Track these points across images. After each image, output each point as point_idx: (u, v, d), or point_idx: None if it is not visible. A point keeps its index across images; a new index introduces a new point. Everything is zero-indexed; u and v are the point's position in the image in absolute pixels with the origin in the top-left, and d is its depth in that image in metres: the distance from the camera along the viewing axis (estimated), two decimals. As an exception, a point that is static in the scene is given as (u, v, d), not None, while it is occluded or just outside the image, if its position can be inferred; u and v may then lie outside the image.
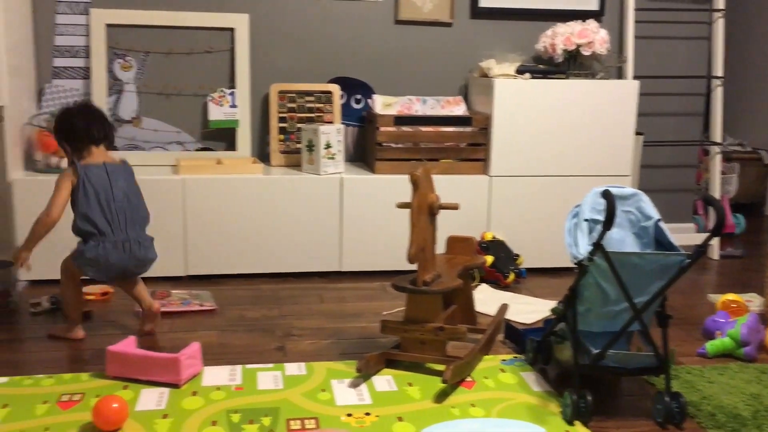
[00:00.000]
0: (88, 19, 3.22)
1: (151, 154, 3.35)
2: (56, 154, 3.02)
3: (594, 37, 3.32)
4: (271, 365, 2.25)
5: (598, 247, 1.89)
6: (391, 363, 2.26)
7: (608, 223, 1.87)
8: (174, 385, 2.07)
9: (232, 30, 3.34)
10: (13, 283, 2.69)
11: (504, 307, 2.62)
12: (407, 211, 2.18)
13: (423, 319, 2.20)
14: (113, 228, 2.33)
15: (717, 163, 3.79)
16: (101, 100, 3.24)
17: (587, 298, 1.99)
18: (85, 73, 3.27)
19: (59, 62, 3.25)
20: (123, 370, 2.11)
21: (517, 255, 3.19)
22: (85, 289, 2.66)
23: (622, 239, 2.07)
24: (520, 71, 3.28)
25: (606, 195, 1.90)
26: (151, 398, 2.00)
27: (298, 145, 3.38)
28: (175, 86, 3.37)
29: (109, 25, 3.24)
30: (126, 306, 2.72)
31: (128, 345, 2.16)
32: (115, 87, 3.31)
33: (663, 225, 2.05)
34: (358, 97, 3.53)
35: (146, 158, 3.32)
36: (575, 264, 1.99)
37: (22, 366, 2.23)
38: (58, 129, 2.42)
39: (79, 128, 2.38)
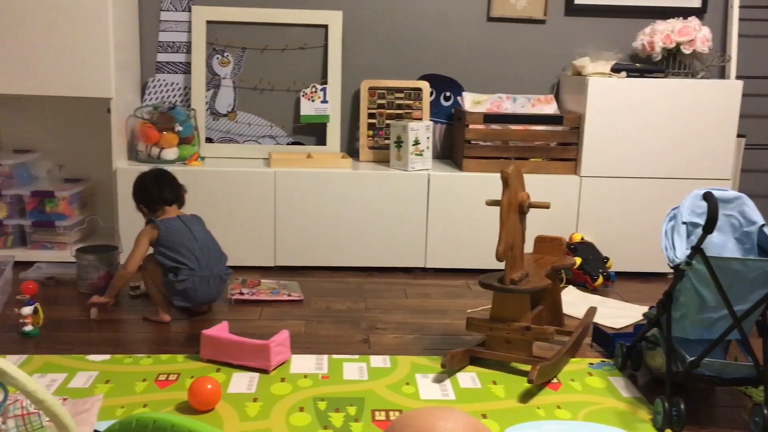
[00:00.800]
0: (190, 16, 3.35)
1: (245, 146, 3.46)
2: (157, 145, 3.16)
3: (695, 35, 3.20)
4: (356, 356, 2.28)
5: (697, 251, 1.83)
6: (476, 360, 2.25)
7: (709, 226, 1.80)
8: (263, 371, 2.13)
9: (325, 27, 3.41)
10: (116, 266, 2.83)
11: (592, 310, 2.57)
12: (494, 209, 2.17)
13: (509, 317, 2.19)
14: (201, 264, 2.53)
15: (826, 169, 3.59)
16: (200, 94, 3.36)
17: (683, 304, 1.93)
18: (186, 68, 3.40)
19: (162, 57, 3.40)
20: (216, 354, 2.19)
21: (607, 258, 3.11)
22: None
23: (722, 244, 1.99)
24: (616, 69, 3.19)
25: (708, 197, 1.83)
26: (242, 382, 2.07)
27: (387, 141, 3.42)
28: (269, 81, 3.47)
29: (209, 22, 3.37)
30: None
31: (221, 330, 2.24)
32: (213, 82, 3.43)
33: (768, 231, 1.97)
34: (448, 94, 3.53)
35: (240, 151, 3.43)
36: (671, 267, 1.93)
37: (122, 345, 2.35)
38: (135, 194, 2.66)
39: (154, 193, 2.61)
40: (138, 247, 2.54)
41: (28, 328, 2.38)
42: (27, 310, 2.38)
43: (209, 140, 3.45)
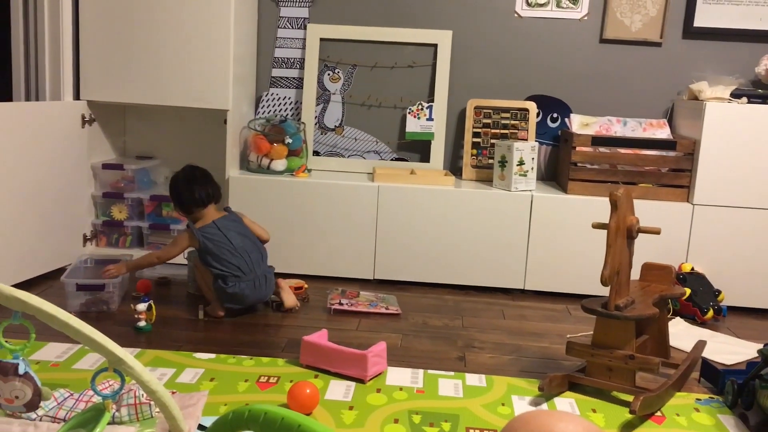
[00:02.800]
0: (305, 34, 3.48)
1: (350, 161, 3.54)
2: (267, 156, 3.28)
3: (825, 60, 3.02)
4: (452, 373, 2.28)
5: (821, 286, 1.72)
6: (575, 386, 2.20)
7: (837, 261, 1.69)
8: (360, 380, 2.16)
9: (435, 46, 3.45)
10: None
11: (701, 344, 2.45)
12: (599, 234, 2.13)
13: (612, 344, 2.12)
14: (243, 270, 2.65)
15: None
16: (310, 108, 3.47)
17: (804, 342, 1.81)
18: (298, 84, 3.53)
19: (276, 72, 3.54)
20: (315, 360, 2.24)
21: (718, 291, 2.97)
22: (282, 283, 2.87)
23: None
24: (736, 95, 3.06)
25: (836, 230, 1.72)
26: (339, 389, 2.11)
27: (490, 161, 3.41)
28: (377, 98, 3.54)
29: (322, 39, 3.48)
30: (319, 302, 2.89)
31: (321, 337, 2.29)
32: (323, 97, 3.54)
33: None
34: (555, 115, 3.48)
35: (345, 165, 3.51)
36: (792, 303, 1.82)
37: (227, 345, 2.44)
38: (171, 198, 2.79)
39: (185, 195, 2.73)
40: (175, 246, 2.71)
41: (142, 323, 2.52)
42: (141, 306, 2.51)
43: (316, 153, 3.55)
